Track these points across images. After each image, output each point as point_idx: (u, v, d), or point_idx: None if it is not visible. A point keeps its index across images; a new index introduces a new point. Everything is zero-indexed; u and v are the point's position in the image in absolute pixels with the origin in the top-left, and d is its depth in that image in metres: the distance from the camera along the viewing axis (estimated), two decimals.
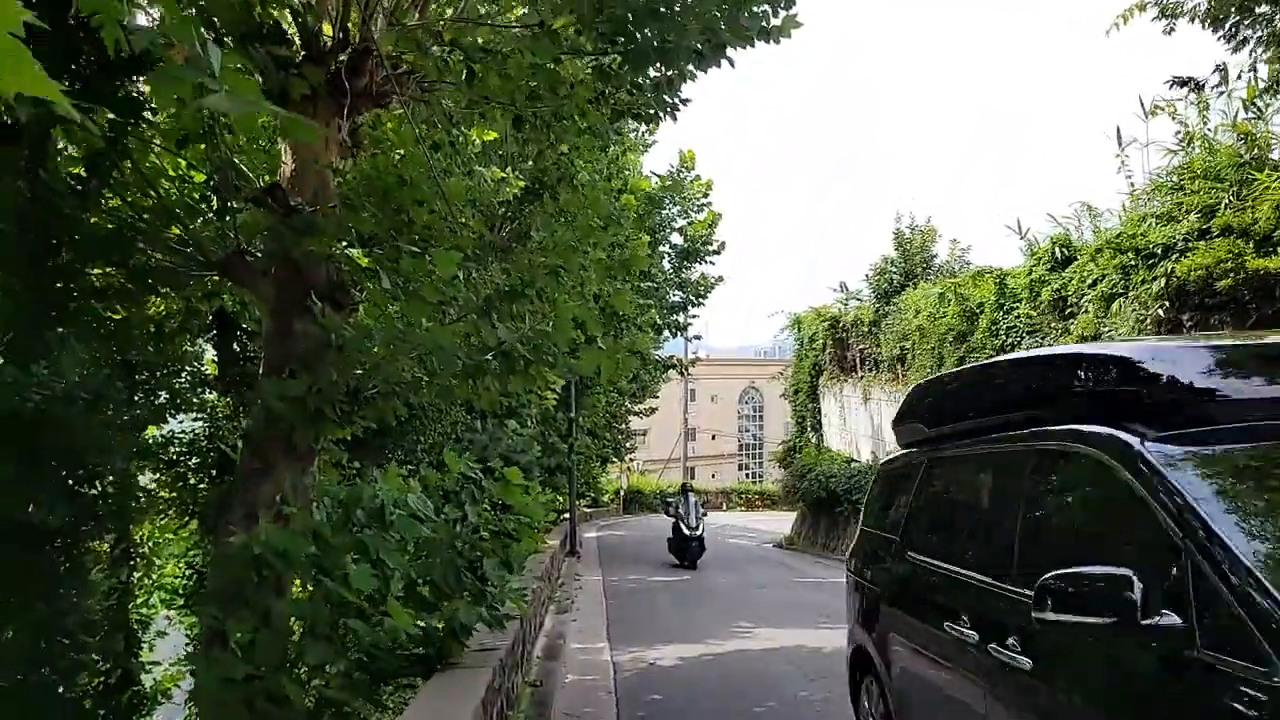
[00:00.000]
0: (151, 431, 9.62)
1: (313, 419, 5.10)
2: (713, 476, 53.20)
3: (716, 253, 18.59)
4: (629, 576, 15.10)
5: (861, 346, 18.29)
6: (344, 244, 5.58)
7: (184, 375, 9.77)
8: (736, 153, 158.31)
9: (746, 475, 55.60)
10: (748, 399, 58.78)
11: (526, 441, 13.05)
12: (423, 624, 4.33)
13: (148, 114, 5.31)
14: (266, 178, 5.91)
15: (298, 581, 4.81)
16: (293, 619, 4.27)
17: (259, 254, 5.73)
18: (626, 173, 15.34)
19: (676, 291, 18.81)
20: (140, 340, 9.02)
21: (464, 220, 6.24)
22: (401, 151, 6.34)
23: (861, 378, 18.23)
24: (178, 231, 5.28)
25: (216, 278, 6.17)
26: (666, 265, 18.21)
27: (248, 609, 4.27)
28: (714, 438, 54.80)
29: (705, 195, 18.45)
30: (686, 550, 16.13)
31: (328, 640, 4.28)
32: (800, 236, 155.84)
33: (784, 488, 23.65)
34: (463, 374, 5.27)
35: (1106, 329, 9.34)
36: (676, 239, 18.59)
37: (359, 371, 5.35)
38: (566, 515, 18.15)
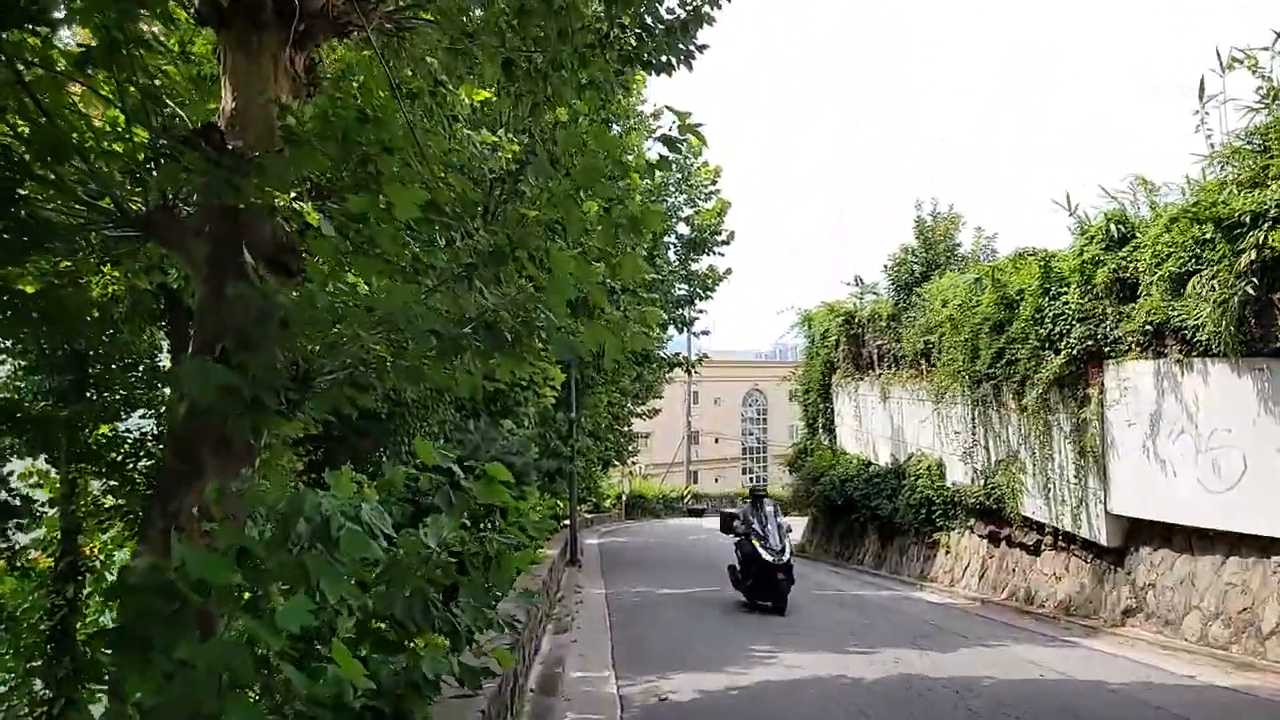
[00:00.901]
0: (104, 429, 8.60)
1: (250, 409, 4.05)
2: (715, 481, 52.16)
3: (726, 243, 17.60)
4: (633, 588, 14.05)
5: (879, 342, 17.23)
6: (294, 196, 4.55)
7: (141, 368, 8.76)
8: (759, 94, 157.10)
9: (751, 479, 54.53)
10: (751, 402, 57.74)
11: (523, 442, 12.01)
12: (374, 678, 3.27)
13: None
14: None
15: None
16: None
17: (191, 209, 4.72)
18: (629, 156, 14.37)
19: (682, 284, 17.79)
20: (95, 329, 8.01)
21: (442, 175, 5.18)
22: (361, 81, 5.29)
23: (879, 375, 17.19)
24: (79, 172, 4.24)
25: (143, 240, 5.13)
26: (672, 256, 17.20)
27: (158, 655, 3.18)
28: (717, 441, 53.71)
29: (713, 182, 17.45)
30: (770, 586, 10.62)
31: (261, 694, 3.24)
32: (829, 177, 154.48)
33: (794, 492, 22.56)
34: (437, 351, 4.23)
35: (1176, 313, 8.28)
36: (683, 229, 17.59)
37: (312, 349, 4.32)
38: (567, 522, 17.10)
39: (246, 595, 3.37)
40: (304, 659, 3.65)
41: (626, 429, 25.91)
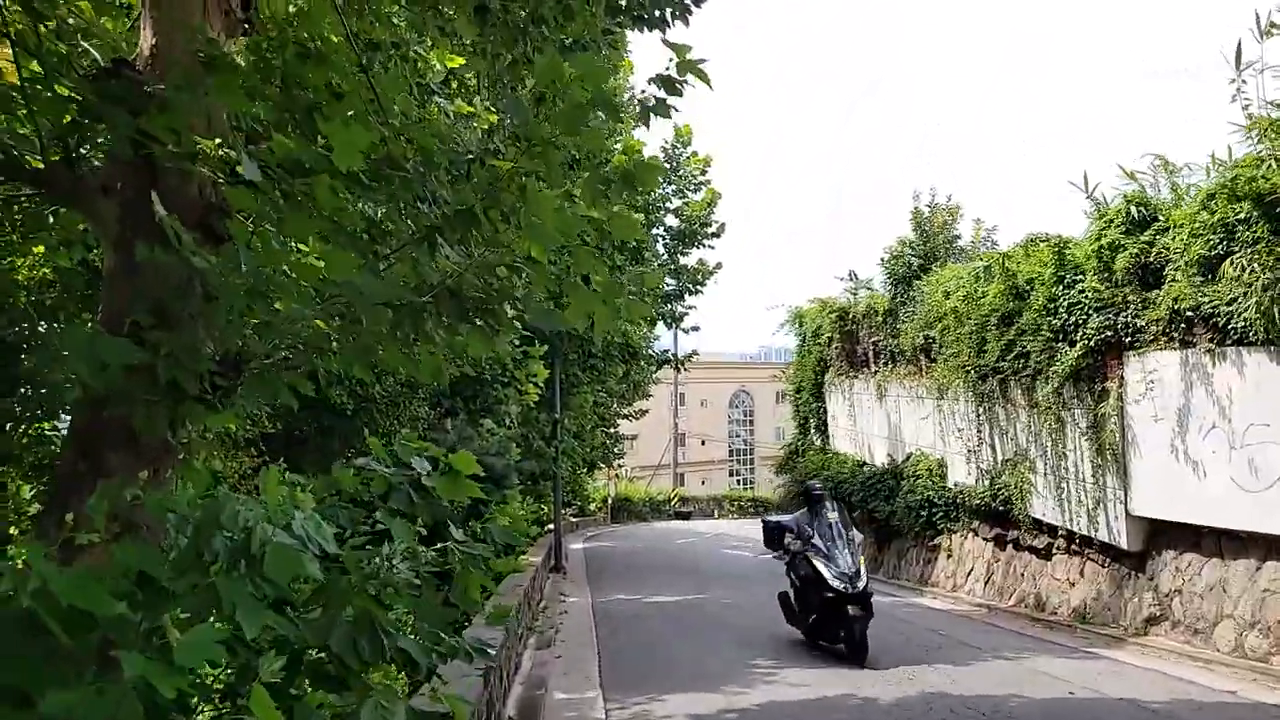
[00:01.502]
0: (33, 429, 7.79)
1: (166, 397, 3.32)
2: (702, 483, 51.49)
3: (716, 235, 16.93)
4: (620, 595, 13.35)
5: (875, 339, 16.63)
6: (220, 144, 3.82)
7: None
8: (756, 78, 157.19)
9: (738, 482, 53.94)
10: (738, 403, 57.16)
11: (503, 443, 11.27)
12: None
13: None
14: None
15: None
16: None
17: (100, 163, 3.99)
18: (619, 139, 13.74)
19: (670, 279, 17.12)
20: (26, 318, 7.23)
21: (401, 129, 4.45)
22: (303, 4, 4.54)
23: (875, 373, 16.59)
24: None
25: (44, 203, 4.41)
26: (661, 249, 16.54)
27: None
28: (704, 443, 53.06)
29: (703, 172, 16.81)
30: (840, 623, 7.80)
31: None
32: (826, 162, 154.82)
33: (786, 494, 21.93)
34: (391, 325, 3.53)
35: (1207, 299, 7.69)
36: (671, 221, 16.94)
37: (240, 323, 3.60)
38: (550, 526, 16.37)
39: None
40: (230, 699, 2.95)
41: (613, 430, 25.22)
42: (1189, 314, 7.98)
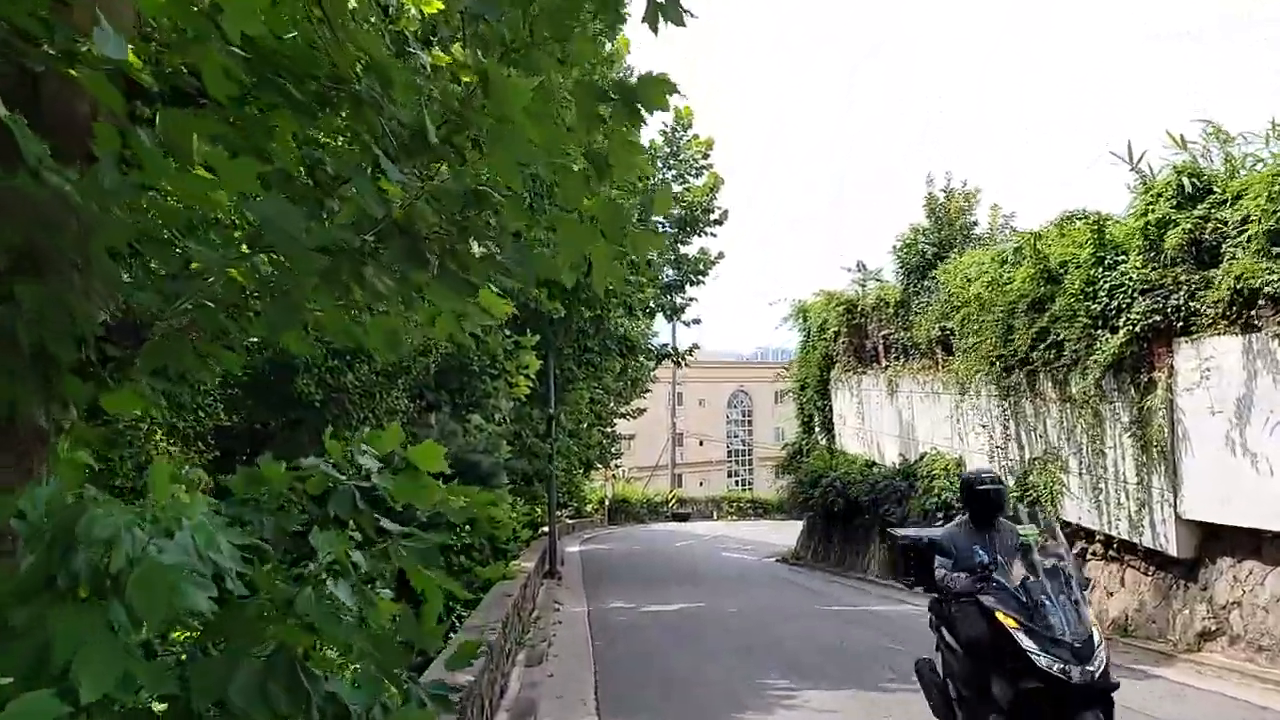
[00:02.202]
0: None
1: (33, 367, 2.46)
2: (700, 484, 50.69)
3: (718, 222, 16.13)
4: (618, 603, 12.56)
5: (885, 332, 15.84)
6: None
7: None
8: (756, 47, 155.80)
9: (736, 483, 53.13)
10: (736, 403, 56.36)
11: (492, 439, 10.43)
12: None
13: None
14: None
15: None
16: None
17: None
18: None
19: (670, 269, 16.30)
20: None
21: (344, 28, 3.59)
22: None
23: (886, 367, 15.79)
24: None
25: None
26: None
27: None
28: (701, 444, 52.25)
29: (705, 156, 16.01)
30: None
31: None
32: (828, 148, 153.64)
33: (790, 496, 21.12)
34: (323, 275, 2.68)
35: (1277, 277, 6.89)
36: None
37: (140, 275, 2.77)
38: (545, 529, 15.53)
39: None
40: None
41: (610, 429, 24.42)
42: (1261, 293, 7.13)
